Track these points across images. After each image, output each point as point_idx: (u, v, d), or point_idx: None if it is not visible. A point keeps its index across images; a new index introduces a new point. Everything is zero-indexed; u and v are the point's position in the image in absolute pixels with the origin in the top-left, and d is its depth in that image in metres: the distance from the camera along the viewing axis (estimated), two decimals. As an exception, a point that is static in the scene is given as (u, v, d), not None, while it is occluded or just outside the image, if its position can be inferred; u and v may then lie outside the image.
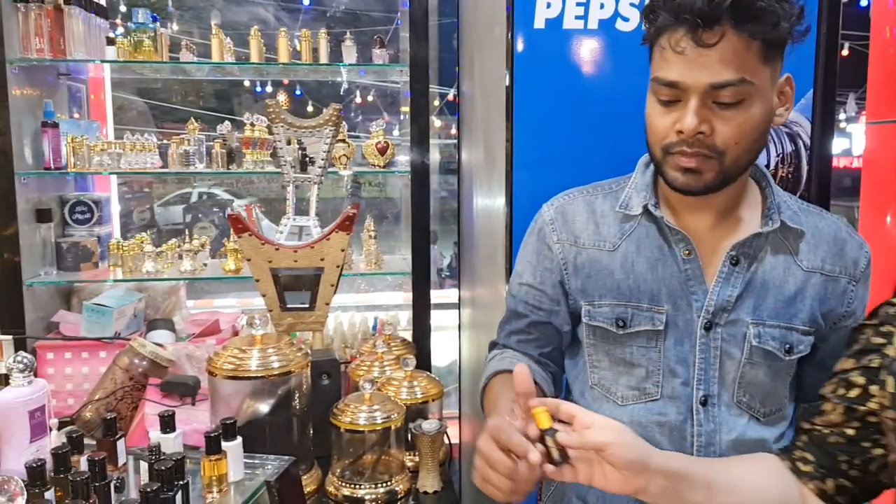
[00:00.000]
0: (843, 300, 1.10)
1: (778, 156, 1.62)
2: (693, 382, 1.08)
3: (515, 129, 1.57)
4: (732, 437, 1.08)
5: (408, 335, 2.16)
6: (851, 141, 12.71)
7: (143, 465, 0.99)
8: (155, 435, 1.09)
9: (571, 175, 1.35)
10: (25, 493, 0.86)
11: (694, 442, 1.08)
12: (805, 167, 1.63)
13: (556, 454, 0.80)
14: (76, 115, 2.45)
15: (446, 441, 1.53)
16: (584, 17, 1.54)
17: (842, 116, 10.84)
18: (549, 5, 1.53)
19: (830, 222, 1.13)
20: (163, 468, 0.92)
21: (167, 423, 1.09)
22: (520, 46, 1.55)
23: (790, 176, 1.62)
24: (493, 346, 1.26)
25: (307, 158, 2.06)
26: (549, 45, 1.55)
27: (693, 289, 1.08)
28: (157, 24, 2.26)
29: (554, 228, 1.18)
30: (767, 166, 1.60)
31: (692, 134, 0.97)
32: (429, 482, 1.43)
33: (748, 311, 1.07)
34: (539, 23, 1.54)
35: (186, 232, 2.34)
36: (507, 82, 1.56)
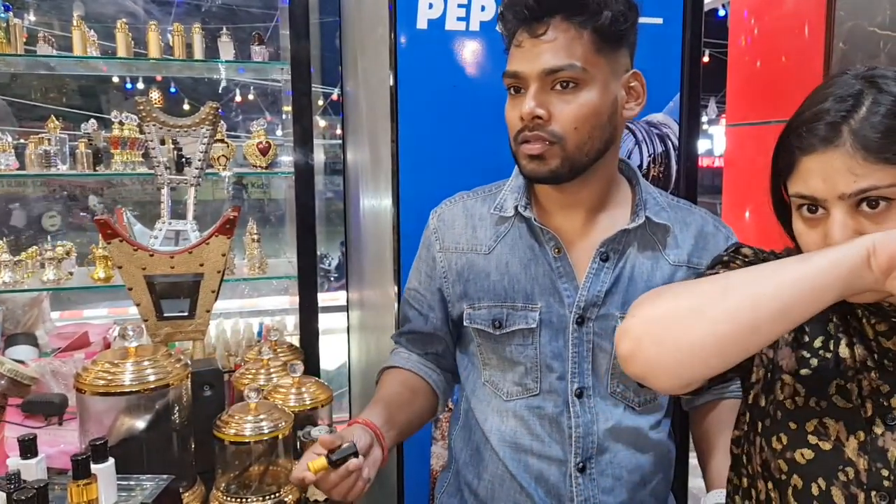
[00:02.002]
0: None
1: (650, 156, 1.70)
2: (568, 376, 1.12)
3: (401, 129, 1.57)
4: (609, 426, 1.13)
5: (295, 340, 2.11)
6: (713, 142, 13.67)
7: (1, 496, 0.90)
8: (14, 461, 1.00)
9: (457, 175, 1.37)
10: None
11: (572, 433, 1.12)
12: (674, 166, 1.72)
13: (340, 455, 0.99)
14: (-84, 112, 2.22)
15: (337, 447, 1.50)
16: (466, 19, 1.56)
17: (704, 119, 11.64)
18: (430, 6, 1.54)
19: (698, 217, 1.19)
20: (23, 497, 0.84)
21: (28, 448, 1.00)
22: (403, 47, 1.54)
23: (661, 175, 1.71)
24: (395, 341, 1.32)
25: (183, 159, 1.97)
26: (432, 45, 1.56)
27: (564, 286, 1.12)
28: (10, 13, 2.09)
29: (437, 237, 1.21)
30: (640, 166, 1.68)
31: (530, 118, 1.04)
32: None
33: (617, 305, 1.12)
34: (421, 23, 1.55)
35: (49, 238, 2.18)
36: (391, 83, 1.56)
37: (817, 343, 0.87)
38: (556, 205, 1.14)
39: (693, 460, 1.40)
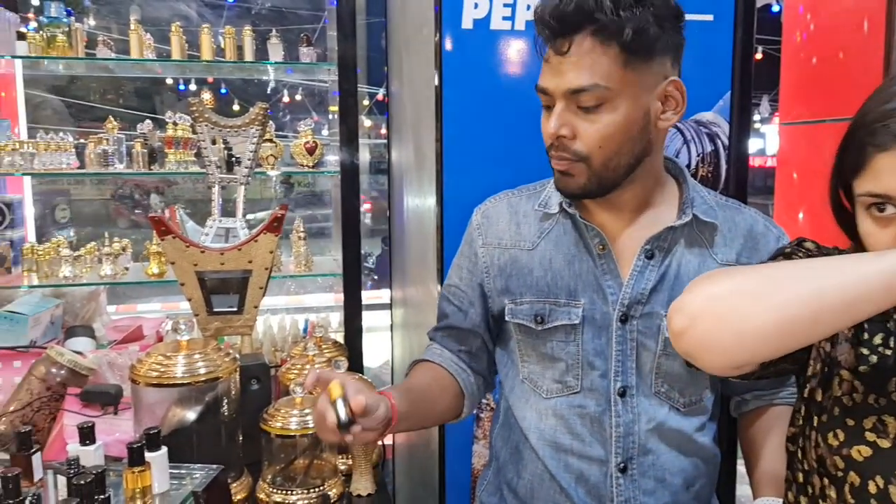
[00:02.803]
0: None
1: (698, 156, 1.68)
2: (611, 374, 1.11)
3: (445, 129, 1.57)
4: (652, 426, 1.12)
5: (339, 337, 2.14)
6: (765, 141, 13.33)
7: (62, 480, 0.94)
8: (74, 447, 1.05)
9: (502, 175, 1.37)
10: (-70, 514, 0.81)
11: (612, 433, 1.11)
12: (724, 166, 1.69)
13: (342, 416, 0.93)
14: (-16, 114, 2.33)
15: (380, 443, 1.53)
16: (512, 18, 1.56)
17: (756, 117, 11.35)
18: (476, 6, 1.54)
19: (747, 216, 1.17)
20: (82, 482, 0.88)
21: (87, 435, 1.04)
22: (448, 47, 1.55)
23: (710, 175, 1.68)
24: (430, 337, 1.31)
25: (233, 158, 2.02)
26: (478, 45, 1.56)
27: (608, 283, 1.11)
28: (72, 18, 2.17)
29: (480, 233, 1.21)
30: (688, 166, 1.66)
31: (552, 137, 1.05)
32: (362, 485, 1.43)
33: (662, 303, 1.10)
34: (467, 23, 1.55)
35: (106, 234, 2.25)
36: (436, 82, 1.57)
37: (877, 340, 0.86)
38: (598, 206, 1.14)
39: (741, 468, 1.37)
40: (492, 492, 1.26)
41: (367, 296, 2.25)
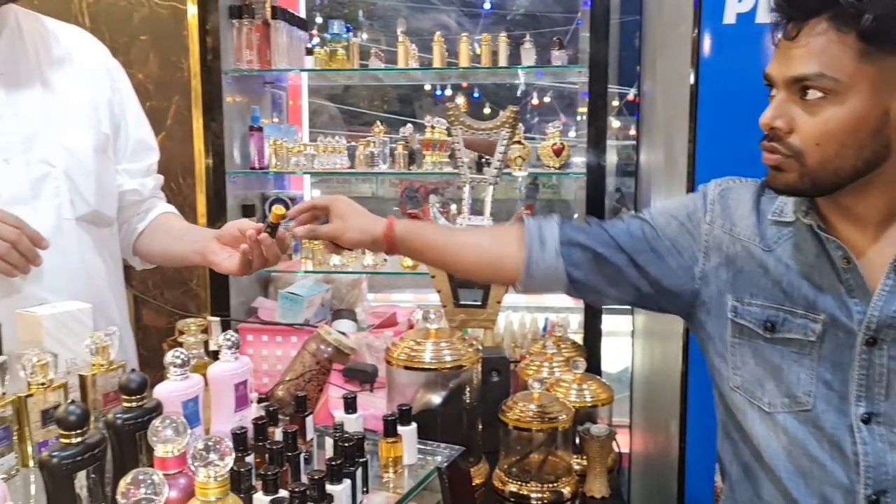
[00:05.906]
0: None
1: None
2: (851, 398, 1.00)
3: (699, 130, 1.51)
4: None
5: (578, 338, 2.14)
6: None
7: (328, 442, 1.06)
8: (339, 414, 1.17)
9: (758, 178, 1.28)
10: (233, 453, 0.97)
11: (859, 461, 0.99)
12: None
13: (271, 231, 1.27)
14: (276, 120, 2.69)
15: (615, 448, 1.51)
16: (781, 10, 1.44)
17: None
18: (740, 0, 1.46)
19: None
20: (346, 445, 0.99)
21: (350, 405, 1.16)
22: (706, 43, 1.48)
23: None
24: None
25: (483, 159, 2.11)
26: (739, 41, 1.47)
27: (854, 300, 0.99)
28: (351, 34, 2.43)
29: (711, 209, 1.12)
30: None
31: (766, 127, 0.97)
32: (596, 487, 1.42)
33: None
34: (729, 18, 1.47)
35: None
36: (692, 81, 1.50)
37: None
38: (834, 214, 1.02)
39: None
40: None
41: (608, 299, 2.22)
